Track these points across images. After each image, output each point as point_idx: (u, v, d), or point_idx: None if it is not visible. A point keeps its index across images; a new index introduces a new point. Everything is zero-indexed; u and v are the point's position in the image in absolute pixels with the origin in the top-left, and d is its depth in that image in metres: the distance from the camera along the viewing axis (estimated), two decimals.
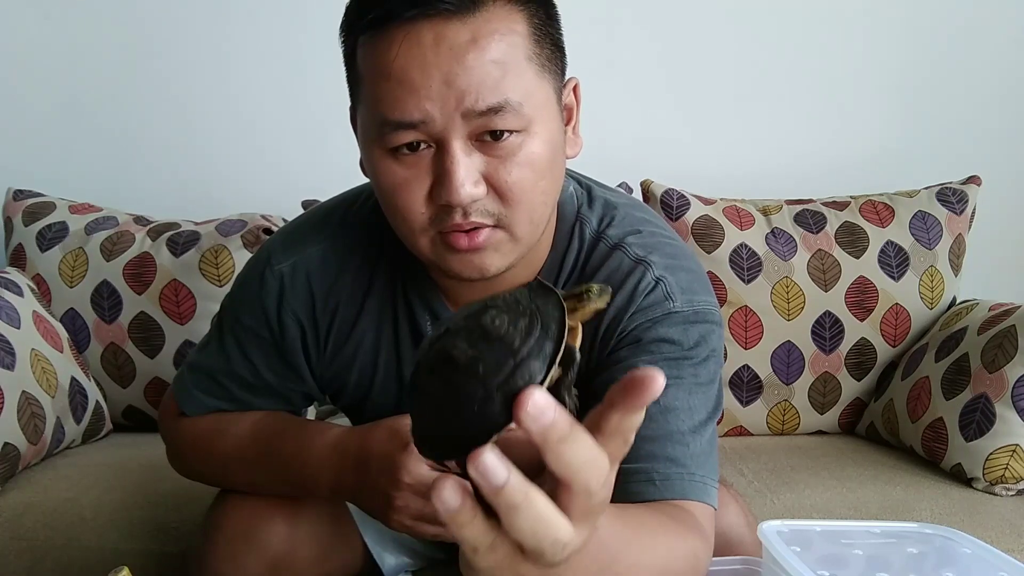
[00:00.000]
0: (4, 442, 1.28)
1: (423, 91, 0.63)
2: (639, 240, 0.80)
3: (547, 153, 0.69)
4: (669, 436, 0.71)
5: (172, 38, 1.89)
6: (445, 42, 0.63)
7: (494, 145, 0.66)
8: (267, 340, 0.84)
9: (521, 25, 0.66)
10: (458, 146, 0.65)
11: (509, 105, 0.65)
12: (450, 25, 0.63)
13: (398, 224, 0.72)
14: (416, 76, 0.63)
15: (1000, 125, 1.92)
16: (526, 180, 0.68)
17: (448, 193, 0.65)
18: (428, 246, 0.71)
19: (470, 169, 0.66)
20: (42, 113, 1.91)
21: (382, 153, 0.68)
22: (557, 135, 0.71)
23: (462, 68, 0.63)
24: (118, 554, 1.17)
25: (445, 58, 0.63)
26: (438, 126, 0.65)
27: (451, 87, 0.63)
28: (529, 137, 0.67)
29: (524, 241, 0.71)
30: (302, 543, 0.86)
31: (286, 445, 0.82)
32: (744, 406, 1.62)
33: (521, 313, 0.40)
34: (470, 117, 0.64)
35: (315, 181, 1.55)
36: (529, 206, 0.69)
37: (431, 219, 0.69)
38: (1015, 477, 1.30)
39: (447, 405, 0.39)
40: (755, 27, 1.90)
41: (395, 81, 0.64)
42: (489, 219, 0.68)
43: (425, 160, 0.67)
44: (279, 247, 0.84)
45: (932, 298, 1.62)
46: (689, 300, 0.77)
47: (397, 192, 0.69)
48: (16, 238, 1.69)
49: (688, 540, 0.64)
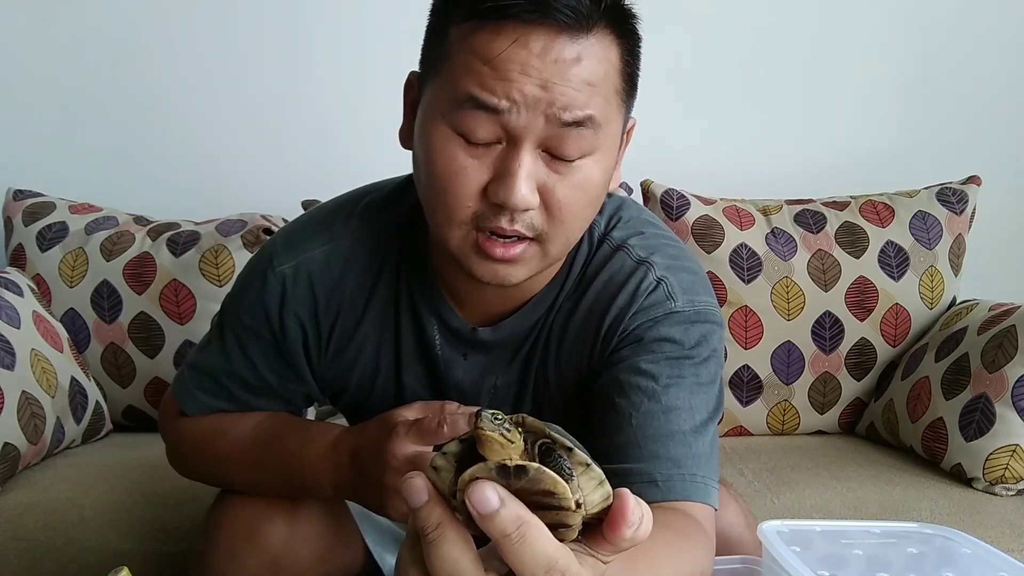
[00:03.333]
0: (4, 442, 1.28)
1: (516, 85, 0.63)
2: (642, 241, 0.80)
3: (602, 182, 0.70)
4: (671, 436, 0.71)
5: (172, 38, 1.89)
6: (552, 52, 0.63)
7: (559, 162, 0.67)
8: (268, 341, 0.84)
9: (616, 58, 0.67)
10: (529, 149, 0.65)
11: (591, 122, 0.65)
12: (560, 38, 0.63)
13: (438, 209, 0.69)
14: (515, 72, 0.63)
15: (1000, 125, 1.92)
16: (577, 203, 0.68)
17: (507, 193, 0.65)
18: (460, 240, 0.70)
19: (532, 176, 0.66)
20: (42, 113, 1.90)
21: (447, 132, 0.67)
22: (611, 168, 0.72)
23: (561, 79, 0.63)
24: (118, 554, 1.17)
25: (548, 66, 0.63)
26: (520, 121, 0.64)
27: (545, 91, 0.63)
28: (593, 163, 0.68)
29: (552, 259, 0.72)
30: (302, 543, 0.86)
31: (287, 445, 0.82)
32: (744, 406, 1.62)
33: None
34: (552, 124, 0.64)
35: (315, 181, 1.55)
36: (570, 228, 0.70)
37: (475, 215, 0.68)
38: (1015, 477, 1.31)
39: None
40: (755, 27, 1.90)
41: (492, 67, 0.64)
42: (531, 232, 0.68)
43: (492, 153, 0.66)
44: (281, 247, 0.84)
45: (932, 298, 1.62)
46: (690, 300, 0.78)
47: (452, 177, 0.67)
48: (16, 238, 1.69)
49: (691, 552, 0.64)
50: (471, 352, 0.83)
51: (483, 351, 0.83)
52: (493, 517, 0.37)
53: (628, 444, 0.71)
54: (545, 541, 0.38)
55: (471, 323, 0.81)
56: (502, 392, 0.84)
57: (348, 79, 1.87)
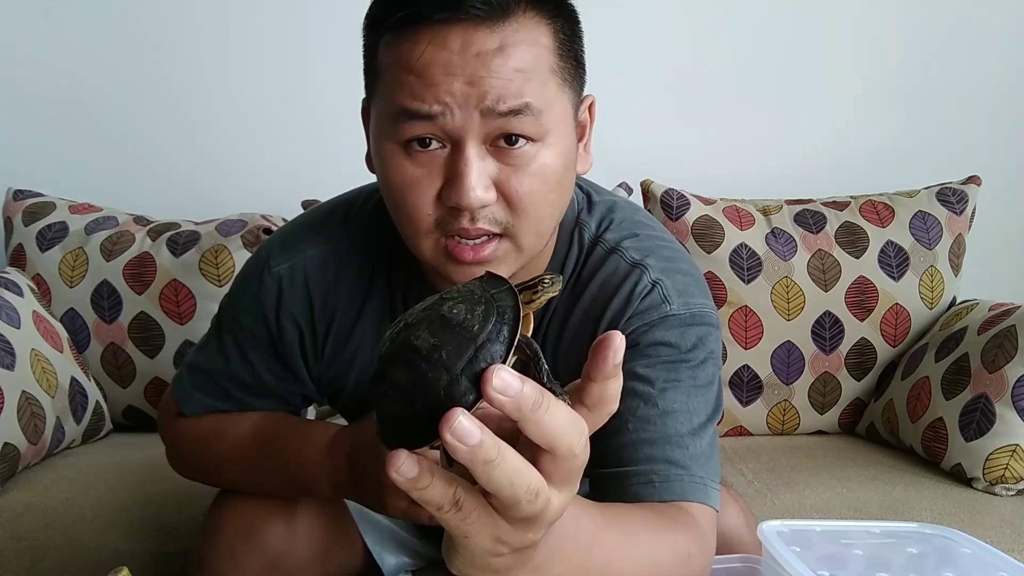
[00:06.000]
0: (4, 442, 1.28)
1: (443, 86, 0.63)
2: (636, 243, 0.80)
3: (560, 166, 0.69)
4: (668, 439, 0.71)
5: (172, 38, 1.89)
6: (472, 47, 0.63)
7: (508, 152, 0.66)
8: (265, 341, 0.84)
9: (547, 38, 0.67)
10: (473, 147, 0.65)
11: (529, 110, 0.65)
12: (479, 31, 0.63)
13: (403, 224, 0.71)
14: (439, 75, 0.63)
15: (1000, 125, 1.92)
16: (537, 191, 0.67)
17: (459, 195, 0.65)
18: (431, 250, 0.70)
19: (482, 173, 0.65)
20: (42, 113, 1.90)
21: (394, 148, 0.67)
22: (570, 150, 0.71)
23: (487, 71, 0.63)
24: (118, 554, 1.17)
25: (471, 62, 0.63)
26: (456, 122, 0.64)
27: (473, 86, 0.63)
28: (544, 148, 0.67)
29: (528, 252, 0.71)
30: (302, 543, 0.86)
31: (285, 445, 0.82)
32: (744, 406, 1.62)
33: (476, 302, 0.42)
34: (489, 117, 0.64)
35: (315, 181, 1.55)
36: (537, 217, 0.69)
37: (437, 221, 0.68)
38: (1015, 477, 1.31)
39: (413, 392, 0.40)
40: (755, 27, 1.90)
41: (416, 75, 0.64)
42: (496, 227, 0.68)
43: (438, 160, 0.66)
44: (278, 248, 0.84)
45: (932, 298, 1.62)
46: (686, 303, 0.77)
47: (406, 190, 0.68)
48: (16, 238, 1.69)
49: (676, 535, 0.64)
50: None
51: None
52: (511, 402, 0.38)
53: (625, 447, 0.71)
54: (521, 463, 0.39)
55: None
56: None
57: (348, 79, 1.84)
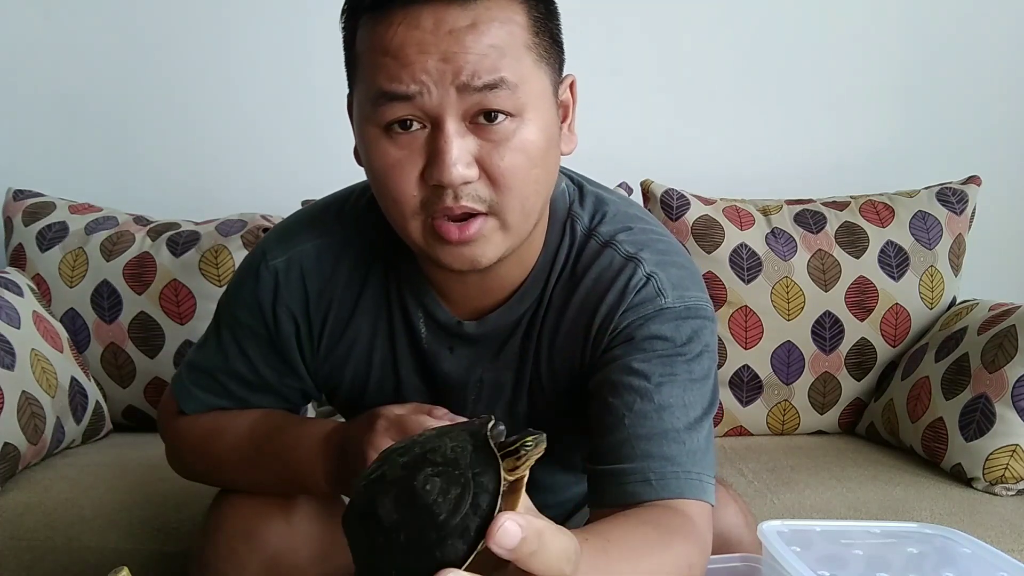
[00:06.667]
0: (4, 442, 1.28)
1: (418, 65, 0.64)
2: (630, 237, 0.80)
3: (541, 142, 0.69)
4: (664, 434, 0.71)
5: (172, 38, 1.89)
6: (445, 25, 0.64)
7: (488, 129, 0.66)
8: (263, 336, 0.84)
9: (520, 16, 0.67)
10: (452, 125, 0.65)
11: (505, 84, 0.65)
12: (450, 10, 0.64)
13: (389, 208, 0.71)
14: (413, 54, 0.64)
15: (1000, 125, 1.92)
16: (519, 166, 0.68)
17: (440, 172, 0.65)
18: (419, 233, 0.70)
19: (463, 149, 0.66)
20: (42, 113, 1.90)
21: (376, 133, 0.68)
22: (552, 127, 0.71)
23: (460, 48, 0.64)
24: (118, 554, 1.17)
25: (444, 40, 0.64)
26: (433, 100, 0.65)
27: (448, 63, 0.64)
28: (523, 123, 0.67)
29: (515, 231, 0.71)
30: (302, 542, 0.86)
31: (283, 440, 0.82)
32: (744, 406, 1.62)
33: (455, 480, 0.40)
34: (465, 93, 0.64)
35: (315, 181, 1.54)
36: (521, 194, 0.69)
37: (422, 202, 0.68)
38: (1015, 477, 1.31)
39: (370, 559, 0.40)
40: (755, 27, 1.89)
41: (391, 56, 0.65)
42: (480, 205, 0.68)
43: (419, 140, 0.67)
44: (274, 243, 0.84)
45: (932, 298, 1.62)
46: (680, 296, 0.77)
47: (389, 173, 0.68)
48: (16, 238, 1.69)
49: (677, 548, 0.64)
50: (457, 345, 0.83)
51: (469, 344, 0.82)
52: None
53: (622, 444, 0.71)
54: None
55: (458, 317, 0.81)
56: (488, 387, 0.84)
57: None
